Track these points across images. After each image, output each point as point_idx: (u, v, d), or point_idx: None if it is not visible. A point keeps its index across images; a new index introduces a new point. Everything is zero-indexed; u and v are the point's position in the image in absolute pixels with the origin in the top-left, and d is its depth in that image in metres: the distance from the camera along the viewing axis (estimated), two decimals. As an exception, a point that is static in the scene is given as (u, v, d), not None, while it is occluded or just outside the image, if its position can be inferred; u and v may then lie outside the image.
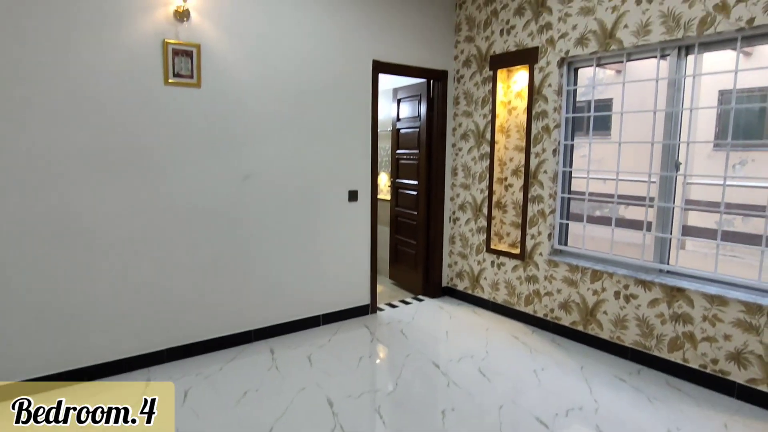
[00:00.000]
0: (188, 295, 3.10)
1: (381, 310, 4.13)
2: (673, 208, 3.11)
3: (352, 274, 3.85)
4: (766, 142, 6.75)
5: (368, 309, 3.98)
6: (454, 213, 4.42)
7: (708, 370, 2.84)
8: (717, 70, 3.24)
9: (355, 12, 3.60)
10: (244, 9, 3.12)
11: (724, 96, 7.19)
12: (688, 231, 5.49)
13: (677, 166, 3.07)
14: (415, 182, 4.52)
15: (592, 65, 3.37)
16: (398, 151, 4.82)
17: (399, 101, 4.78)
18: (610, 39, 3.14)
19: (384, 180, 5.49)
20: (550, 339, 3.54)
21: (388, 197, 5.15)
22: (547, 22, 3.49)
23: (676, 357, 2.98)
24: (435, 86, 4.29)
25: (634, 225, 3.90)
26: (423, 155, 4.39)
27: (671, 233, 3.13)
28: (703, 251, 5.93)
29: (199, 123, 3.03)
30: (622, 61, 3.19)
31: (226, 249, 3.23)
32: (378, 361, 3.30)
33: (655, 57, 3.03)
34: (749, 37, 2.65)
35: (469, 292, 4.33)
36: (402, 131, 4.75)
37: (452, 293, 4.49)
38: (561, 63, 3.46)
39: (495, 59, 3.90)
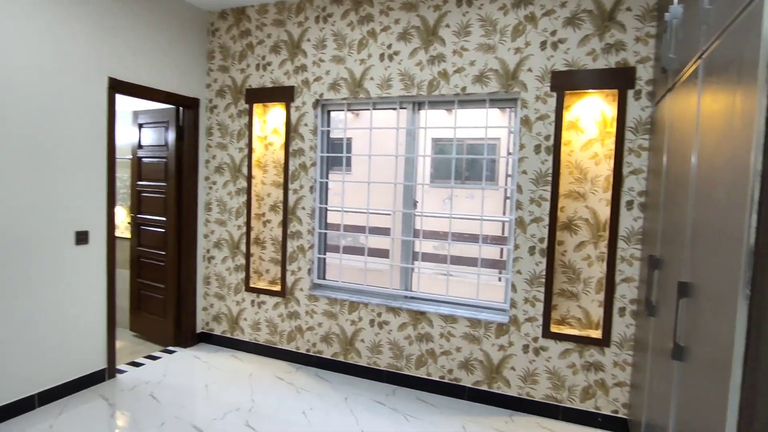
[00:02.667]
0: None
1: (122, 372, 3.47)
2: (412, 240, 3.55)
3: (81, 334, 3.14)
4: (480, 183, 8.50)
5: (105, 374, 3.29)
6: (208, 251, 4.10)
7: (446, 380, 3.29)
8: (436, 124, 3.87)
9: (90, 23, 3.04)
10: None
11: (435, 142, 8.82)
12: (421, 258, 6.44)
13: (415, 204, 3.53)
14: (163, 218, 4.03)
15: (343, 109, 3.63)
16: (140, 183, 4.23)
17: (141, 126, 4.22)
18: (358, 88, 3.44)
19: (121, 215, 4.73)
20: (314, 374, 3.57)
21: (127, 235, 4.45)
22: (303, 64, 3.62)
23: (422, 373, 3.36)
24: (186, 114, 3.94)
25: (380, 254, 4.32)
26: (172, 188, 3.95)
27: (412, 262, 3.56)
28: (429, 273, 7.01)
29: None
30: (369, 108, 3.54)
31: None
32: (121, 436, 2.74)
33: (395, 108, 3.45)
34: (462, 101, 3.26)
35: (228, 335, 4.04)
36: (145, 160, 4.20)
37: (209, 339, 4.12)
38: (316, 104, 3.62)
39: (251, 93, 3.82)
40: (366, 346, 3.52)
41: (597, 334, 2.94)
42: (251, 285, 3.92)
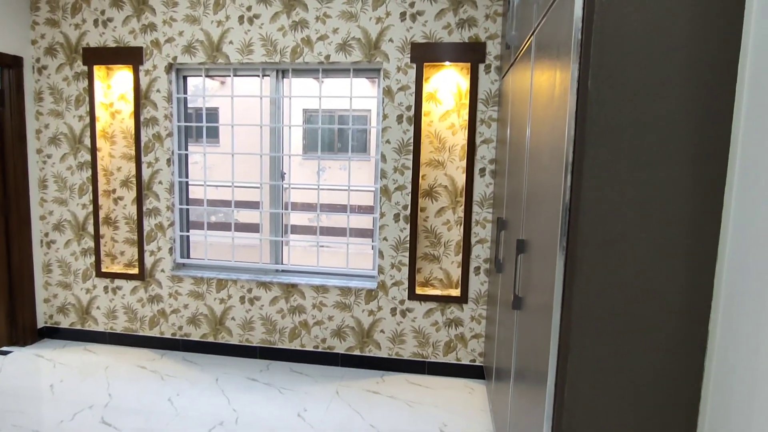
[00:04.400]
0: None
1: (-62, 379, 2.95)
2: (282, 213, 3.48)
3: None
4: (339, 155, 8.52)
5: None
6: (47, 235, 3.60)
7: (320, 349, 3.34)
8: (304, 93, 3.79)
9: None
10: None
11: (306, 113, 8.69)
12: (292, 230, 6.36)
13: (282, 176, 3.45)
14: (-17, 198, 3.43)
15: (201, 75, 3.37)
16: (-51, 157, 3.53)
17: (-56, 89, 3.50)
18: (217, 52, 3.21)
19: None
20: (182, 358, 3.38)
21: (-64, 220, 3.72)
22: (151, 23, 3.26)
23: (295, 345, 3.36)
24: (5, 74, 3.35)
25: (251, 228, 4.18)
26: (-7, 163, 3.37)
27: (282, 235, 3.50)
28: (303, 245, 6.98)
29: None
30: (230, 75, 3.33)
31: None
32: (-61, 454, 2.35)
33: (258, 76, 3.29)
34: (327, 69, 3.22)
35: (79, 327, 3.63)
36: (-47, 130, 3.50)
37: (55, 334, 3.66)
38: (169, 69, 3.31)
39: (90, 53, 3.37)
40: (237, 324, 3.41)
41: (456, 292, 3.19)
42: (103, 270, 3.54)
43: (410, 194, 3.11)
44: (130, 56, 3.31)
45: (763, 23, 1.00)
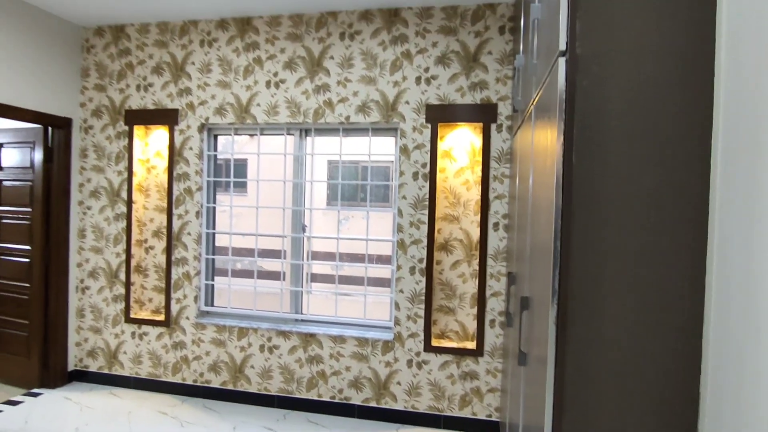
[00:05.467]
0: None
1: (-28, 420, 3.09)
2: (302, 264, 3.61)
3: None
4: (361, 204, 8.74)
5: (-50, 424, 2.92)
6: (82, 281, 3.81)
7: (336, 400, 3.36)
8: (328, 149, 3.99)
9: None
10: None
11: (330, 165, 9.01)
12: (313, 278, 6.50)
13: (304, 228, 3.60)
14: (27, 247, 3.68)
15: (230, 134, 3.62)
16: (0, 208, 3.83)
17: (1, 146, 3.84)
18: (245, 113, 3.46)
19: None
20: (202, 405, 3.45)
21: (-17, 266, 3.99)
22: (187, 87, 3.56)
23: (313, 395, 3.39)
24: (55, 134, 3.67)
25: (273, 276, 4.31)
26: (39, 214, 3.64)
27: (302, 285, 3.61)
28: (324, 293, 7.08)
29: None
30: (256, 134, 3.57)
31: None
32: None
33: (283, 134, 3.52)
34: (347, 129, 3.42)
35: (106, 371, 3.76)
36: (6, 184, 3.82)
37: (83, 377, 3.80)
38: (201, 128, 3.57)
39: (131, 114, 3.67)
40: (256, 372, 3.48)
41: (472, 345, 3.20)
42: (132, 316, 3.70)
43: (426, 248, 3.20)
44: (167, 117, 3.59)
45: (731, 107, 1.09)
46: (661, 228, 1.20)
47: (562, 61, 1.25)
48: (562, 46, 1.25)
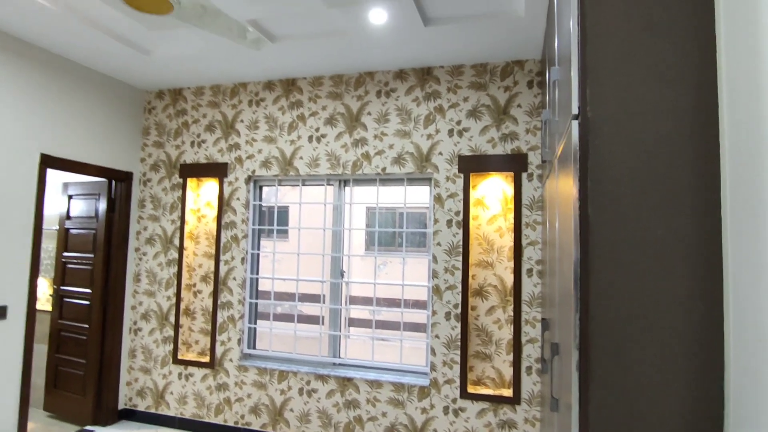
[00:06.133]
0: None
1: (32, 455, 3.29)
2: (341, 309, 3.73)
3: (-10, 415, 3.00)
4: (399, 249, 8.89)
5: (12, 458, 3.12)
6: (135, 323, 4.05)
7: (373, 447, 3.37)
8: (366, 198, 4.18)
9: (24, 100, 3.16)
10: None
11: (369, 211, 9.25)
12: (351, 322, 6.58)
13: (342, 274, 3.74)
14: (88, 290, 3.97)
15: (275, 185, 3.87)
16: (66, 254, 4.18)
17: (71, 197, 4.24)
18: (289, 166, 3.71)
19: (43, 288, 4.59)
20: (241, 447, 3.53)
21: (48, 308, 4.31)
22: (236, 143, 3.86)
23: (349, 440, 3.43)
24: (118, 187, 4.03)
25: (312, 320, 4.44)
26: (100, 259, 3.95)
27: (340, 329, 3.72)
28: (362, 338, 7.12)
29: None
30: (299, 185, 3.80)
31: None
32: None
33: (323, 185, 3.73)
34: (383, 179, 3.60)
35: (153, 411, 3.93)
36: (73, 231, 4.18)
37: (132, 416, 3.98)
38: (248, 180, 3.84)
39: (185, 168, 4.00)
40: (295, 416, 3.55)
41: (509, 392, 3.18)
42: (179, 357, 3.89)
43: (461, 293, 3.27)
44: (217, 170, 3.89)
45: (736, 160, 1.18)
46: (675, 275, 1.26)
47: (575, 123, 1.37)
48: (575, 110, 1.37)
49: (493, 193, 3.37)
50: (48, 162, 3.35)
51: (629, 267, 1.30)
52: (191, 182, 4.04)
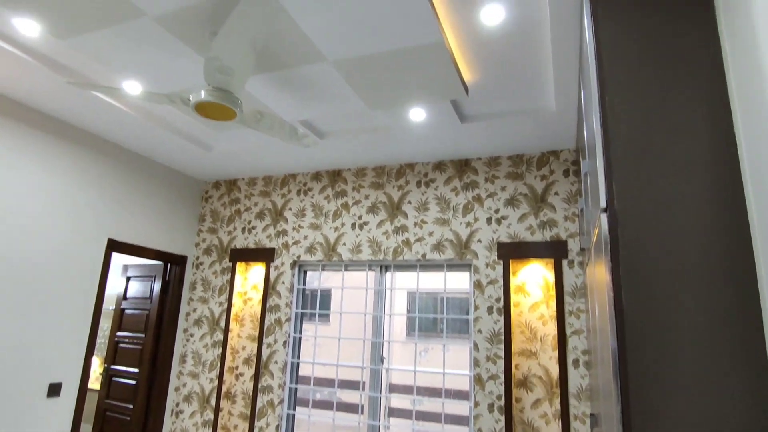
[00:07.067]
0: None
1: None
2: (380, 397, 3.65)
3: (33, 495, 3.03)
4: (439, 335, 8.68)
5: None
6: (177, 405, 4.09)
7: None
8: (406, 282, 4.24)
9: (94, 188, 3.52)
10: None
11: (410, 295, 9.16)
12: (391, 412, 6.36)
13: (382, 360, 3.71)
14: (136, 370, 4.10)
15: (318, 270, 4.00)
16: (120, 334, 4.37)
17: (129, 279, 4.52)
18: (332, 252, 3.85)
19: (94, 366, 4.77)
20: None
21: (96, 386, 4.45)
22: (284, 229, 4.08)
23: None
24: (173, 269, 4.28)
25: (350, 408, 4.33)
26: (150, 340, 4.10)
27: (380, 419, 3.61)
28: (402, 430, 6.80)
29: None
30: (341, 270, 3.92)
31: None
32: None
33: (365, 270, 3.83)
34: (424, 265, 3.66)
35: (187, 500, 3.84)
36: (128, 312, 4.40)
37: (165, 505, 3.90)
38: (294, 265, 4.00)
39: (235, 252, 4.22)
40: None
41: (559, 497, 2.94)
42: (217, 443, 3.86)
43: (504, 384, 3.16)
44: (265, 255, 4.08)
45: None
46: (717, 360, 1.23)
47: (603, 216, 1.43)
48: (603, 204, 1.44)
49: (533, 279, 3.35)
50: (113, 246, 3.64)
51: (668, 355, 1.28)
52: (240, 266, 4.24)
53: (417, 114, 2.94)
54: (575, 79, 2.46)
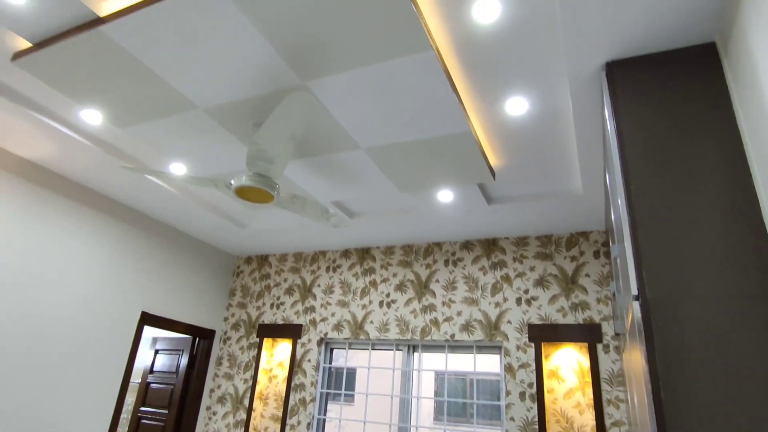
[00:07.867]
0: None
1: None
2: (407, 489, 3.44)
3: None
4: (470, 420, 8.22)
5: None
6: (195, 490, 3.94)
7: None
8: (435, 363, 4.12)
9: (128, 262, 3.67)
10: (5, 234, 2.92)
11: (438, 375, 8.85)
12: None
13: (409, 447, 3.54)
14: (156, 450, 4.01)
15: (345, 348, 3.96)
16: (143, 409, 4.33)
17: (157, 352, 4.54)
18: (359, 330, 3.83)
19: (115, 443, 4.68)
20: None
21: (116, 466, 4.34)
22: (312, 306, 4.10)
23: None
24: (200, 343, 4.30)
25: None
26: (172, 417, 4.04)
27: None
28: None
29: None
30: (368, 348, 3.86)
31: None
32: None
33: (392, 349, 3.77)
34: (452, 346, 3.59)
35: None
36: (153, 386, 4.38)
37: None
38: (320, 342, 3.97)
39: (263, 328, 4.23)
40: None
41: None
42: None
43: (537, 479, 2.95)
44: (292, 331, 4.08)
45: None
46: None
47: (635, 304, 1.42)
48: (634, 291, 1.43)
49: (567, 364, 3.23)
50: (146, 319, 3.72)
51: (715, 460, 1.21)
52: (267, 342, 4.23)
53: (445, 196, 3.02)
54: (600, 163, 2.52)
